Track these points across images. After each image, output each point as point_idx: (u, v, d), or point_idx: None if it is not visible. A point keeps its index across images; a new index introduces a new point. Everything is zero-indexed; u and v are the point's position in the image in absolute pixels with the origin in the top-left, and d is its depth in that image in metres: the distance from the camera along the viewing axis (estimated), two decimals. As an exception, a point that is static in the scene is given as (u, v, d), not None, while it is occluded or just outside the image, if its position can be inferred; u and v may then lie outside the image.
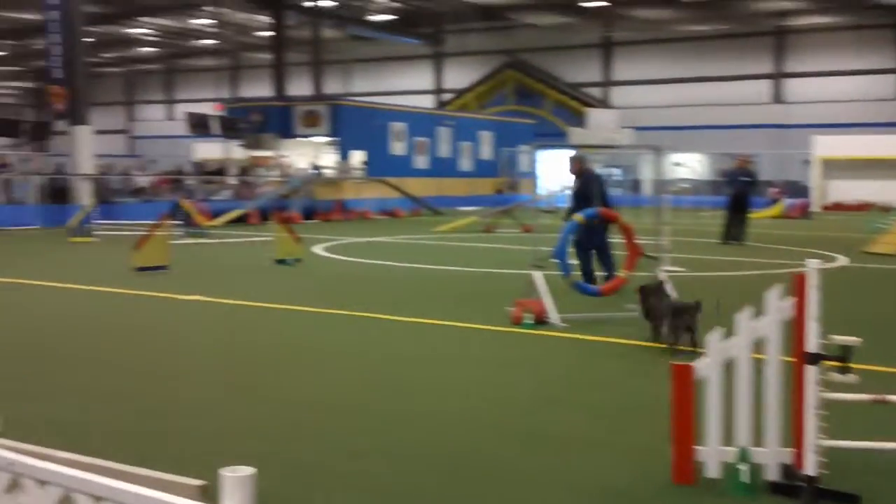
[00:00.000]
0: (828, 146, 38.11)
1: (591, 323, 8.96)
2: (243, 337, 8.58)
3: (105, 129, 51.56)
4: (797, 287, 4.21)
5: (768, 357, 4.40)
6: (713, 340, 4.43)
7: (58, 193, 25.24)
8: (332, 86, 48.10)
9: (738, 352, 4.43)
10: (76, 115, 24.97)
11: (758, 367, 4.40)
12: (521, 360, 7.58)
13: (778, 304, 4.33)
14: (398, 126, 36.50)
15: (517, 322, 8.90)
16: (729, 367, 4.43)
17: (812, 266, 4.19)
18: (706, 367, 4.46)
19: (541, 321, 8.87)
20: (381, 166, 33.65)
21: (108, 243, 18.66)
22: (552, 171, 35.07)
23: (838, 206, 37.57)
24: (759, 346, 4.41)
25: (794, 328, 4.25)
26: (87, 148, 25.30)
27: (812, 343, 4.14)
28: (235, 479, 1.71)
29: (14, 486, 1.90)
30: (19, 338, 8.39)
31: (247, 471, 1.71)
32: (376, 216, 29.80)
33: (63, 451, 1.80)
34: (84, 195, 24.26)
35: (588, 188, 11.39)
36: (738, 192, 19.33)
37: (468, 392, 6.40)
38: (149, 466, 2.63)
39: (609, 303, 9.75)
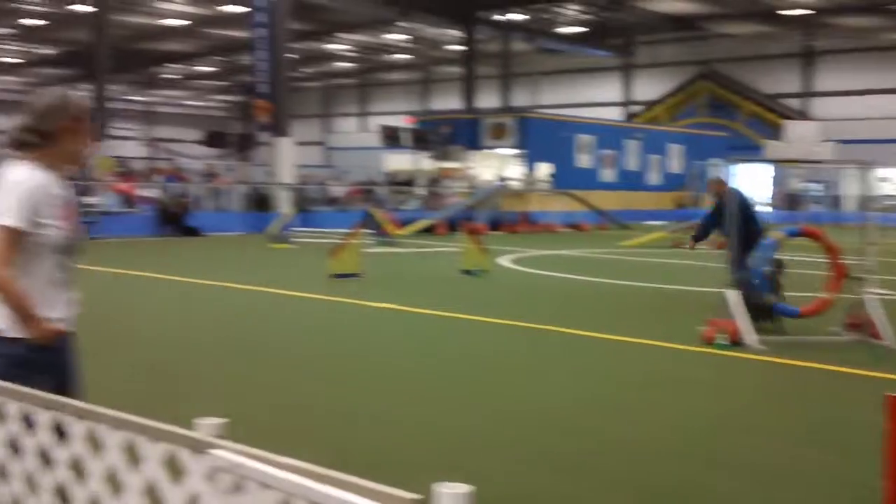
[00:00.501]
0: None
1: (790, 346, 8.53)
2: (434, 346, 8.73)
3: (303, 140, 54.03)
4: None
5: None
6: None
7: (260, 201, 26.68)
8: (520, 98, 48.33)
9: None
10: (278, 128, 26.31)
11: None
12: (718, 383, 7.31)
13: None
14: (585, 138, 36.22)
15: (709, 342, 8.59)
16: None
17: None
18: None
19: (736, 342, 8.52)
20: (568, 179, 33.48)
21: (305, 250, 19.53)
22: (748, 186, 33.70)
23: None
24: None
25: None
26: (287, 159, 26.61)
27: None
28: (451, 497, 1.67)
29: (237, 488, 1.98)
30: (222, 339, 8.89)
31: (464, 488, 1.67)
32: (561, 229, 29.65)
33: (283, 455, 1.86)
34: (284, 203, 25.52)
35: (725, 210, 10.95)
36: None
37: (663, 414, 6.22)
38: (353, 475, 2.70)
39: (809, 325, 9.24)
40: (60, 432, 2.36)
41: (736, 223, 10.34)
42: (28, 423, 2.56)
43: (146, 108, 64.68)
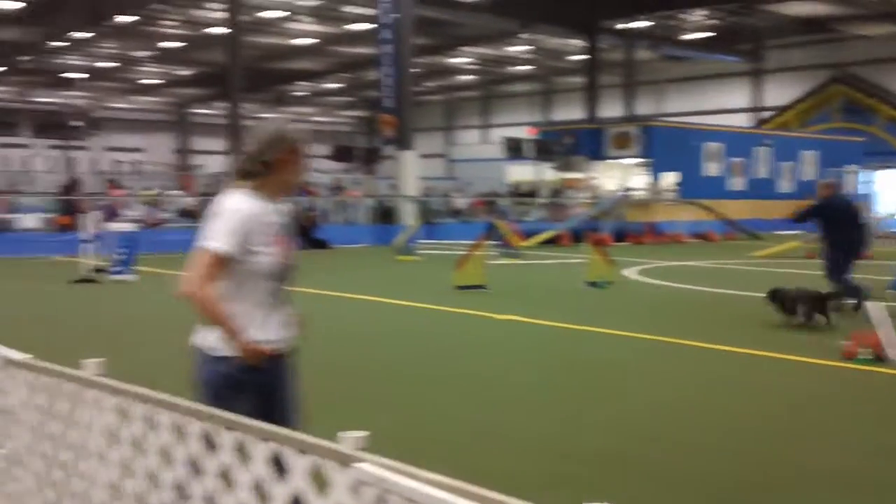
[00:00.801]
0: None
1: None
2: (561, 359, 8.69)
3: (426, 153, 54.74)
4: None
5: None
6: None
7: (385, 214, 27.17)
8: (644, 107, 47.62)
9: None
10: (403, 141, 26.75)
11: None
12: (861, 400, 7.02)
13: None
14: (713, 146, 35.36)
15: (850, 357, 8.26)
16: None
17: None
18: None
19: (879, 357, 8.16)
20: (694, 188, 32.74)
21: (430, 262, 19.76)
22: (888, 193, 32.28)
23: None
24: None
25: None
26: (412, 171, 27.01)
27: None
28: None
29: (381, 501, 2.03)
30: (352, 351, 9.09)
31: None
32: (688, 239, 29.02)
33: (427, 470, 1.90)
34: (409, 216, 25.90)
35: (834, 214, 11.45)
36: None
37: (811, 436, 6.02)
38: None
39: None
40: (279, 466, 2.40)
41: (841, 230, 10.35)
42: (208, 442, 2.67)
43: (276, 125, 66.70)
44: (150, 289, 14.32)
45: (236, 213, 3.33)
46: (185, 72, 52.07)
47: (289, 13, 39.24)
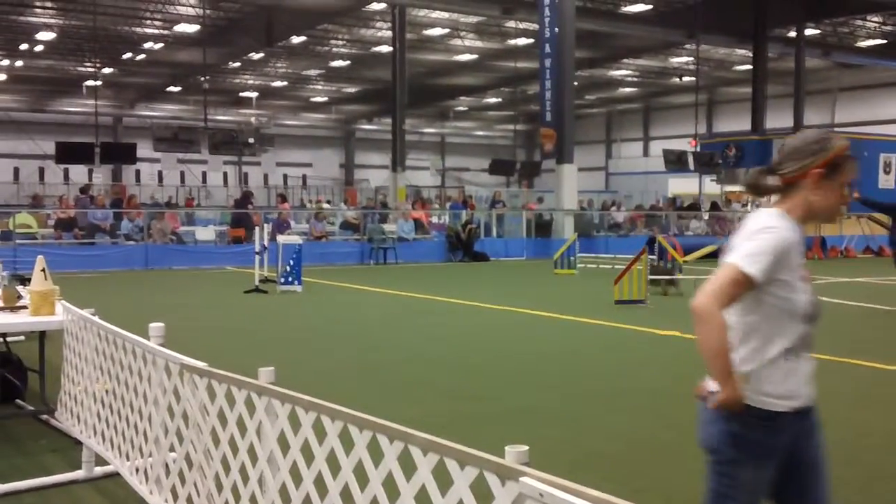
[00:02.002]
0: None
1: None
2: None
3: (586, 166, 54.34)
4: None
5: None
6: None
7: (543, 227, 27.16)
8: (815, 117, 45.56)
9: None
10: (563, 155, 26.68)
11: None
12: None
13: None
14: (888, 157, 33.46)
15: None
16: None
17: None
18: None
19: None
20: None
21: (588, 275, 19.62)
22: None
23: None
24: None
25: None
26: (571, 185, 26.90)
27: None
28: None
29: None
30: (511, 363, 9.16)
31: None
32: (860, 255, 27.54)
33: (592, 488, 1.93)
34: (567, 229, 25.80)
35: None
36: None
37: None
38: None
39: None
40: None
41: None
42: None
43: (438, 139, 67.96)
44: (314, 299, 14.90)
45: (769, 235, 2.78)
46: (351, 89, 53.78)
47: (452, 30, 39.93)
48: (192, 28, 36.29)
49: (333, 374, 8.39)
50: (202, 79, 36.66)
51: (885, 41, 43.82)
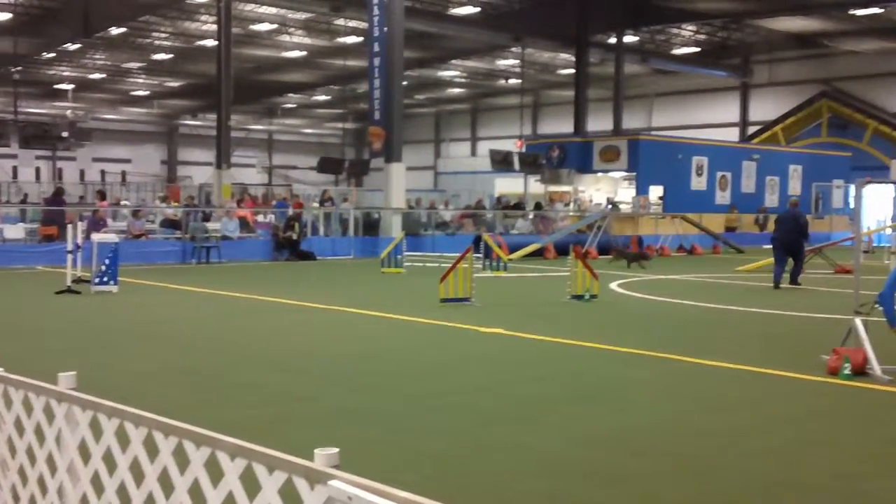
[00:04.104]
0: None
1: (919, 378, 8.15)
2: (545, 373, 8.69)
3: (414, 165, 54.80)
4: None
5: None
6: None
7: (372, 226, 27.14)
8: (633, 121, 47.82)
9: None
10: (391, 154, 26.75)
11: None
12: (838, 414, 7.05)
13: None
14: (700, 160, 35.54)
15: (834, 372, 8.30)
16: None
17: None
18: None
19: (861, 372, 8.20)
20: (680, 201, 32.86)
21: (415, 274, 19.75)
22: (872, 208, 32.45)
23: None
24: None
25: None
26: (399, 184, 27.00)
27: None
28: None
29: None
30: (329, 365, 9.08)
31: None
32: (674, 253, 29.09)
33: (398, 489, 1.89)
34: (395, 228, 25.89)
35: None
36: None
37: (790, 453, 6.04)
38: None
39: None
40: None
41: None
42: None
43: (266, 137, 66.82)
44: (131, 300, 14.27)
45: None
46: (174, 83, 52.05)
47: (280, 25, 39.30)
48: (3, 16, 34.09)
49: (148, 379, 8.02)
50: (13, 69, 34.49)
51: (698, 49, 46.54)
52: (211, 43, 37.22)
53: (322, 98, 59.25)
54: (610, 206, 32.08)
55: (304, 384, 7.97)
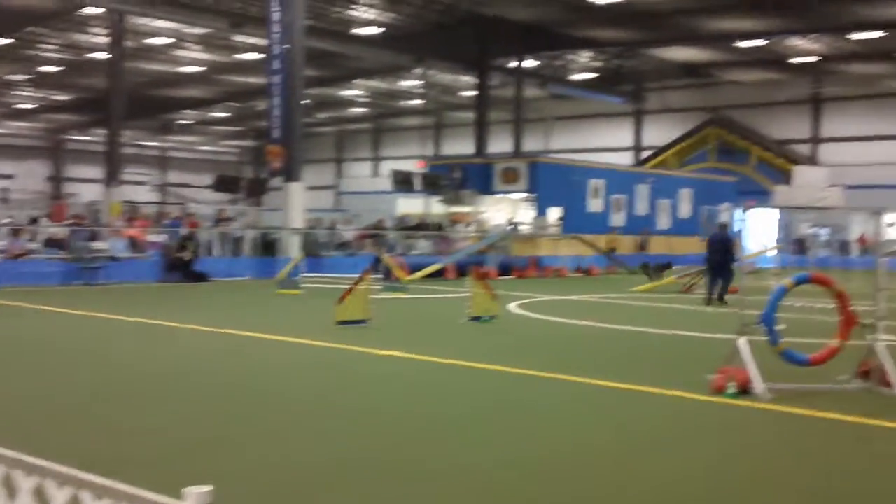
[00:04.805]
0: None
1: (799, 394, 8.42)
2: (438, 395, 8.64)
3: (316, 185, 54.36)
4: None
5: None
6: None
7: (269, 246, 26.71)
8: (532, 143, 48.60)
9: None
10: (291, 173, 26.43)
11: None
12: (722, 433, 7.21)
13: None
14: (596, 183, 36.31)
15: (719, 391, 8.50)
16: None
17: None
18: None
19: (745, 391, 8.43)
20: (578, 223, 33.48)
21: (313, 295, 19.47)
22: (757, 231, 33.72)
23: None
24: None
25: None
26: (298, 203, 26.69)
27: None
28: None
29: None
30: (213, 390, 8.83)
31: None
32: (571, 274, 29.58)
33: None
34: (293, 248, 25.55)
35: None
36: None
37: (671, 468, 6.13)
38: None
39: (818, 373, 9.13)
40: None
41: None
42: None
43: (160, 153, 65.32)
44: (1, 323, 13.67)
45: None
46: (63, 97, 50.44)
47: (176, 40, 38.54)
48: None
49: (5, 411, 7.58)
50: None
51: (595, 75, 47.67)
52: (102, 56, 36.23)
53: (220, 115, 58.35)
54: (510, 228, 32.42)
55: (182, 414, 7.71)
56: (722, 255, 18.58)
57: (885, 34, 36.45)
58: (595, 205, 36.17)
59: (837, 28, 36.10)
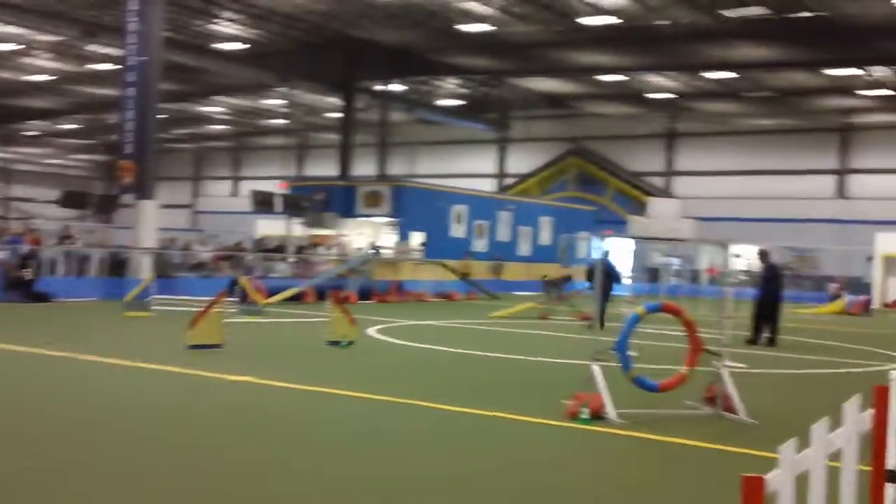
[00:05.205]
0: (891, 243, 37.18)
1: (649, 420, 8.53)
2: (291, 422, 8.30)
3: (171, 203, 52.67)
4: (878, 399, 3.84)
5: (844, 472, 3.99)
6: (786, 452, 4.02)
7: (118, 266, 25.49)
8: (397, 167, 48.66)
9: (812, 465, 4.01)
10: (143, 190, 25.37)
11: (833, 481, 3.99)
12: (575, 458, 7.18)
13: (856, 416, 3.94)
14: (459, 209, 36.57)
15: (573, 417, 8.51)
16: (803, 481, 4.01)
17: (894, 378, 3.83)
18: (778, 480, 4.04)
19: (598, 416, 8.47)
20: (441, 248, 33.58)
21: (163, 318, 18.64)
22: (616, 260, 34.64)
23: (897, 304, 36.69)
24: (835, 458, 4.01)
25: (874, 442, 3.86)
26: (150, 222, 25.61)
27: (893, 460, 3.77)
28: None
29: None
30: (43, 425, 8.25)
31: None
32: (432, 298, 29.57)
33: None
34: (144, 268, 24.47)
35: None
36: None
37: (521, 492, 6.01)
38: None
39: (667, 399, 9.29)
40: None
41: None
42: None
43: (3, 165, 61.97)
44: None
45: None
46: None
47: (24, 47, 36.67)
48: None
49: None
50: None
51: (461, 102, 48.22)
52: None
53: (69, 127, 55.85)
54: (372, 252, 32.19)
55: (6, 449, 7.11)
56: (607, 282, 19.15)
57: (736, 75, 38.39)
58: (458, 230, 36.40)
59: (693, 67, 37.78)
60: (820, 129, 46.02)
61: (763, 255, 17.79)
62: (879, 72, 37.14)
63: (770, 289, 17.48)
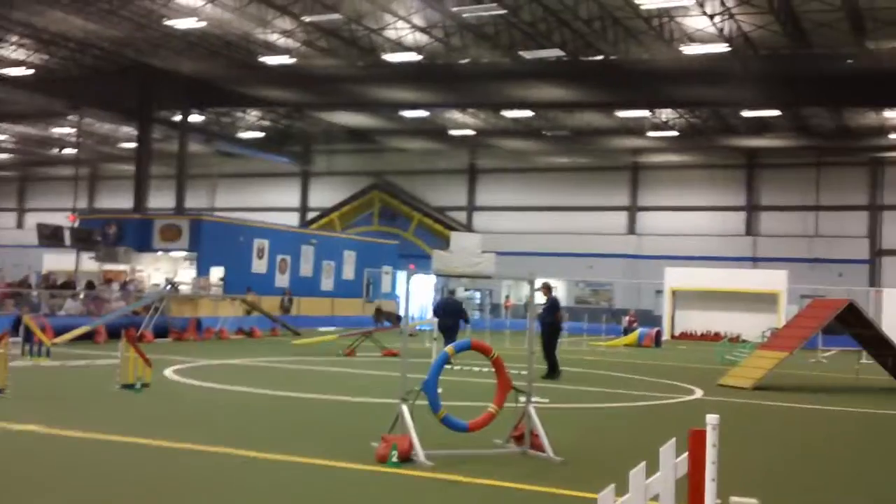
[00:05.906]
0: (678, 277, 39.60)
1: (458, 460, 8.56)
2: (78, 474, 7.73)
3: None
4: (693, 443, 4.00)
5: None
6: (606, 498, 4.12)
7: None
8: (195, 200, 47.17)
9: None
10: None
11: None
12: (386, 506, 7.10)
13: (672, 461, 4.09)
14: (261, 243, 35.86)
15: (382, 460, 8.41)
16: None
17: (710, 422, 4.00)
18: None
19: (406, 459, 8.41)
20: (242, 283, 32.74)
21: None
22: (419, 293, 35.08)
23: (685, 336, 38.96)
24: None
25: (689, 487, 4.01)
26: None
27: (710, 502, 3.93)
28: None
29: None
30: None
31: None
32: (233, 335, 28.71)
33: None
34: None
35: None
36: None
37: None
38: None
39: (476, 438, 9.39)
40: None
41: None
42: None
43: None
44: None
45: None
46: None
47: None
48: None
49: None
50: None
51: (263, 134, 47.54)
52: None
53: None
54: (169, 287, 30.92)
55: None
56: (454, 319, 19.62)
57: (533, 114, 39.99)
58: (259, 265, 35.66)
59: (493, 105, 39.02)
60: (612, 168, 48.61)
61: (546, 288, 18.36)
62: (665, 114, 39.85)
63: (551, 321, 17.85)
